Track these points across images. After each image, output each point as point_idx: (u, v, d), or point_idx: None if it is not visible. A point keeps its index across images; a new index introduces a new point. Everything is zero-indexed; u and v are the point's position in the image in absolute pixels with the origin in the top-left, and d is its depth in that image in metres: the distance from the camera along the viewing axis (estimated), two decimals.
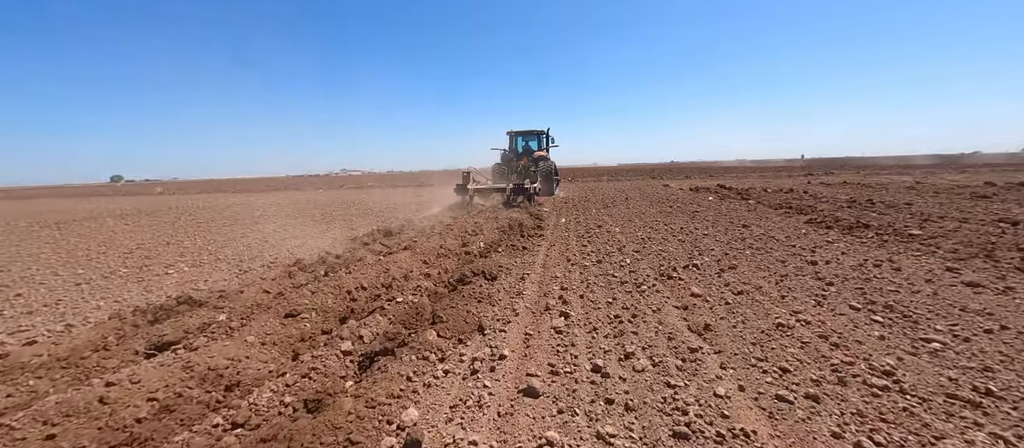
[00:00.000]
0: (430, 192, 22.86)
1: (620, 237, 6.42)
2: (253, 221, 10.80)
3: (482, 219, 8.62)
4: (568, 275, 4.36)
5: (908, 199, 9.88)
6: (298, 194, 25.18)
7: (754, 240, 5.79)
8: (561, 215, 9.42)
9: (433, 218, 9.07)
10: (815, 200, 10.21)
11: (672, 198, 12.62)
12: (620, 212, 9.63)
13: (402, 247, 5.63)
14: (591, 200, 13.08)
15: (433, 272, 4.56)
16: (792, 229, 6.51)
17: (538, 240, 6.39)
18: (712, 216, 8.34)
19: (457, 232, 6.97)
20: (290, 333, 2.90)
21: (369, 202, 16.28)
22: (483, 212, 9.64)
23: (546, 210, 10.46)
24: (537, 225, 7.64)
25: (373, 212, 12.24)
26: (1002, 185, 12.44)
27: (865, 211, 7.98)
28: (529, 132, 16.19)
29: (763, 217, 7.90)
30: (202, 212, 14.21)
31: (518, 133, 16.27)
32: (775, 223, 7.15)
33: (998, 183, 13.38)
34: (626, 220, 8.27)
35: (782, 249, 5.20)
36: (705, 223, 7.48)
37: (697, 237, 6.18)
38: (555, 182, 15.95)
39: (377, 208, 13.53)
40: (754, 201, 10.58)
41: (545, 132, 16.06)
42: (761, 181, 20.58)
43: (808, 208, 8.56)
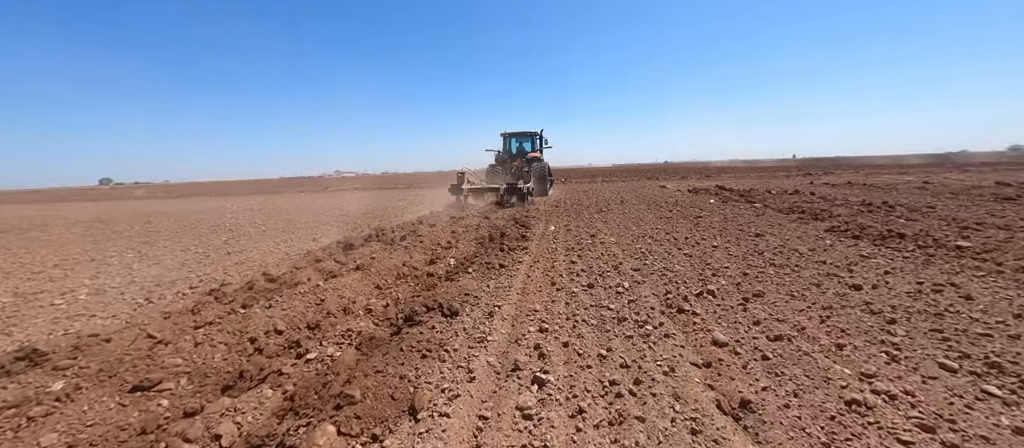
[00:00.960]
0: (419, 194, 21.87)
1: (616, 250, 5.50)
2: (210, 230, 9.75)
3: (461, 227, 7.68)
4: (550, 307, 3.42)
5: (927, 201, 9.09)
6: (278, 198, 24.06)
7: (773, 254, 4.89)
8: (550, 221, 8.49)
9: (407, 226, 8.10)
10: (826, 203, 9.38)
11: (671, 201, 11.76)
12: (615, 218, 8.73)
13: (354, 267, 4.66)
14: (585, 203, 12.18)
15: (380, 304, 3.61)
16: (814, 239, 5.63)
17: (520, 254, 5.46)
18: (718, 222, 7.46)
19: (428, 244, 6.02)
20: (125, 422, 1.93)
21: (349, 206, 15.25)
22: (464, 220, 8.69)
23: (535, 215, 9.53)
24: (522, 235, 6.70)
25: (348, 218, 11.23)
26: (1017, 185, 11.73)
27: (889, 216, 7.14)
28: (522, 133, 16.05)
29: (775, 224, 7.03)
30: (164, 219, 13.10)
31: (511, 135, 16.15)
32: (791, 231, 6.27)
33: (1011, 182, 12.68)
34: (622, 227, 7.36)
35: (811, 267, 4.31)
36: (711, 231, 6.59)
37: (705, 250, 5.28)
38: (549, 183, 15.80)
39: (355, 213, 12.52)
40: (760, 204, 9.73)
41: (538, 133, 15.97)
42: (760, 181, 19.85)
43: (822, 213, 7.71)
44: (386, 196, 21.68)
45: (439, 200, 16.96)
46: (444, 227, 7.70)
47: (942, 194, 10.46)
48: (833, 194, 11.42)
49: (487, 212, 10.11)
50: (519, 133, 16.15)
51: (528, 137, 16.12)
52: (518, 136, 16.15)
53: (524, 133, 16.13)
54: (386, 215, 11.68)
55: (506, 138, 16.28)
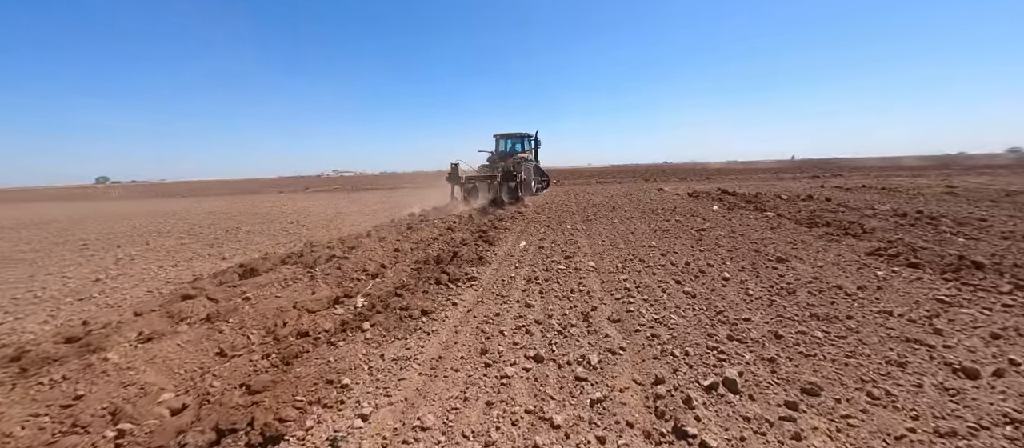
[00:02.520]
0: (405, 194, 20.42)
1: (594, 282, 4.08)
2: (128, 240, 8.30)
3: (411, 242, 6.26)
4: (455, 418, 2.01)
5: (971, 211, 7.70)
6: (249, 200, 22.58)
7: (810, 295, 3.49)
8: (524, 235, 7.07)
9: (348, 240, 6.68)
10: (851, 212, 7.98)
11: (668, 207, 10.35)
12: (603, 229, 7.31)
13: (205, 318, 3.24)
14: (571, 209, 10.76)
15: (175, 403, 2.18)
16: (857, 268, 4.23)
17: (464, 289, 4.03)
18: (725, 238, 6.05)
19: (351, 269, 4.61)
20: None
21: (315, 210, 13.81)
22: (421, 231, 7.27)
23: (509, 226, 8.12)
24: (479, 256, 5.27)
25: (299, 226, 9.79)
26: None
27: (938, 232, 5.74)
28: (515, 135, 16.19)
29: (797, 241, 5.63)
30: (94, 224, 11.61)
31: (504, 136, 16.33)
32: (822, 254, 4.87)
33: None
34: (608, 245, 5.94)
35: (872, 322, 2.91)
36: (718, 251, 5.18)
37: (713, 284, 3.87)
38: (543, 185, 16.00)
39: (314, 219, 11.07)
40: (772, 212, 8.33)
41: (531, 135, 16.25)
42: (765, 184, 18.47)
43: (853, 226, 6.30)
44: (368, 197, 20.24)
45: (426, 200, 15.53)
46: (390, 241, 6.28)
47: (980, 201, 9.08)
48: (853, 200, 10.02)
49: (458, 221, 8.70)
50: (512, 134, 16.17)
51: (520, 138, 16.16)
52: (510, 137, 16.18)
53: (517, 134, 16.18)
54: (346, 221, 10.25)
55: (498, 139, 16.34)
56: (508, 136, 16.34)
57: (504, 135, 16.36)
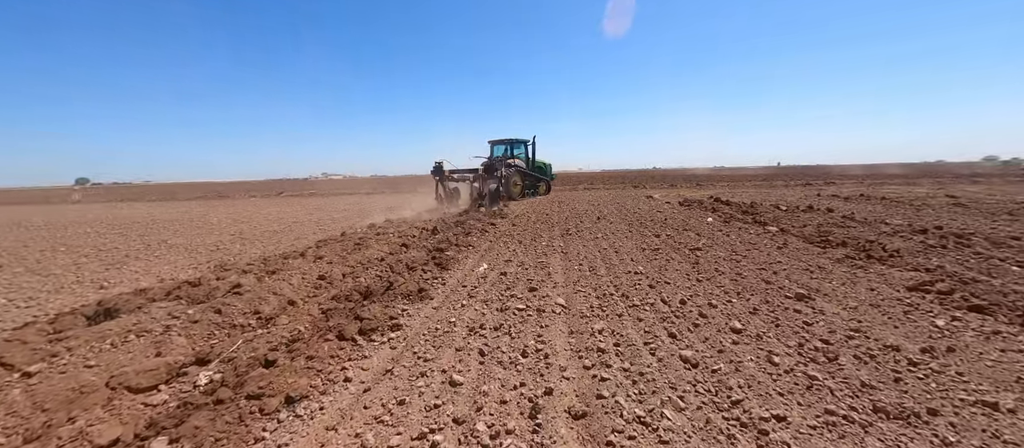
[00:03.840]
0: (382, 200, 19.15)
1: (558, 337, 2.99)
2: (18, 260, 6.95)
3: (349, 264, 5.11)
4: None
5: (992, 225, 6.85)
6: (215, 204, 21.07)
7: (859, 363, 2.44)
8: (488, 254, 5.97)
9: (280, 259, 5.50)
10: (863, 227, 7.05)
11: (658, 218, 9.35)
12: (582, 249, 6.24)
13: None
14: (552, 219, 9.69)
15: None
16: (904, 313, 3.21)
17: (374, 349, 2.89)
18: (726, 261, 5.03)
19: (242, 309, 3.44)
20: None
21: (270, 220, 12.50)
22: (367, 249, 6.12)
23: (474, 243, 7.01)
24: (420, 288, 4.14)
25: (241, 239, 8.52)
26: None
27: (978, 255, 4.79)
28: (511, 141, 16.66)
29: (814, 267, 4.63)
30: (10, 233, 10.14)
31: (499, 142, 16.76)
32: (850, 288, 3.86)
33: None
34: (586, 271, 4.86)
35: (972, 420, 1.87)
36: (721, 283, 4.14)
37: (721, 343, 2.80)
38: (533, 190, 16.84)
39: (261, 231, 9.80)
40: (774, 226, 7.37)
41: (527, 141, 16.70)
42: (757, 192, 17.71)
43: (873, 246, 5.34)
44: (339, 203, 18.93)
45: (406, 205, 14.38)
46: (323, 263, 5.13)
47: (995, 214, 8.27)
48: (857, 212, 9.15)
49: (419, 234, 7.57)
50: (507, 140, 16.53)
51: (516, 144, 16.53)
52: (506, 143, 16.51)
53: (513, 140, 16.56)
54: (294, 233, 9.00)
55: (494, 145, 16.64)
56: (503, 142, 16.64)
57: (499, 141, 16.65)
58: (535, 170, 18.06)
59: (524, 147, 17.18)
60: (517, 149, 16.97)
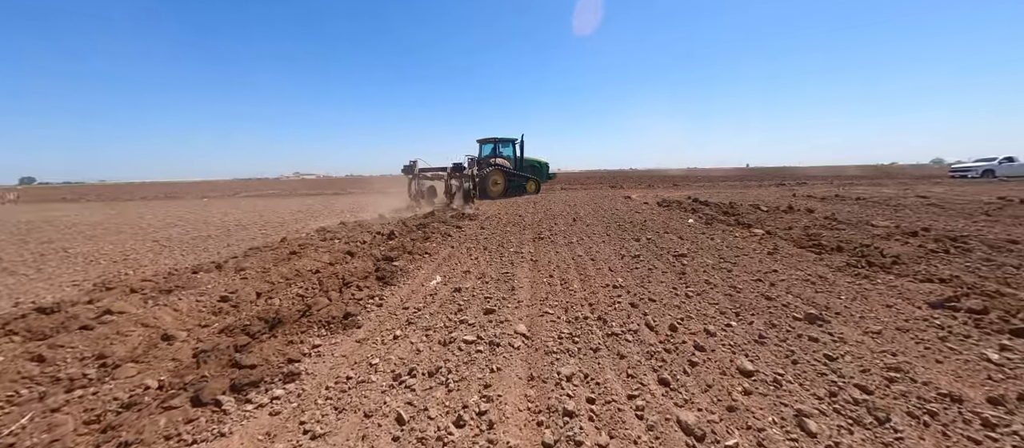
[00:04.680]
0: (349, 200, 17.87)
1: (511, 387, 2.19)
2: None
3: (264, 283, 4.16)
4: None
5: (978, 228, 6.57)
6: (156, 206, 19.23)
7: (916, 424, 1.79)
8: (446, 262, 5.14)
9: (186, 275, 4.47)
10: (851, 229, 6.64)
11: (637, 220, 8.76)
12: (554, 256, 5.50)
13: None
14: (524, 221, 8.93)
15: None
16: (940, 338, 2.62)
17: (244, 411, 2.02)
18: (716, 271, 4.40)
19: (79, 356, 2.45)
20: None
21: (208, 224, 11.17)
22: (307, 254, 5.18)
23: (437, 243, 6.16)
24: (346, 313, 3.26)
25: (162, 248, 7.33)
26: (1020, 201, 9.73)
27: (988, 263, 4.34)
28: (498, 139, 16.92)
29: (815, 277, 4.05)
30: None
31: (486, 141, 17.01)
32: (864, 304, 3.27)
33: (1013, 198, 10.75)
34: (557, 285, 4.11)
35: None
36: (715, 300, 3.47)
37: (729, 393, 2.09)
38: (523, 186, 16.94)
39: (191, 238, 8.57)
40: (759, 228, 6.87)
41: (515, 140, 16.86)
42: (733, 192, 17.57)
43: (870, 252, 4.85)
44: (297, 203, 17.52)
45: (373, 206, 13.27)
46: (246, 276, 4.16)
47: (973, 214, 8.10)
48: (838, 213, 8.84)
49: (369, 241, 6.65)
50: (495, 139, 16.70)
51: (504, 143, 16.70)
52: (493, 142, 16.70)
53: (500, 139, 16.69)
54: (228, 240, 7.85)
55: (482, 144, 16.77)
56: (491, 140, 16.76)
57: (487, 140, 16.74)
58: (525, 169, 17.81)
59: (512, 146, 17.23)
60: (505, 148, 17.13)
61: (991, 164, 23.73)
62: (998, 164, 23.58)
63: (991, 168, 23.58)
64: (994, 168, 23.54)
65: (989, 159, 24.14)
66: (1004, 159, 23.59)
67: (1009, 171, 23.38)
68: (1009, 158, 23.53)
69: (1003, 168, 23.42)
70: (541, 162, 18.82)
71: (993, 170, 23.51)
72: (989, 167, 23.65)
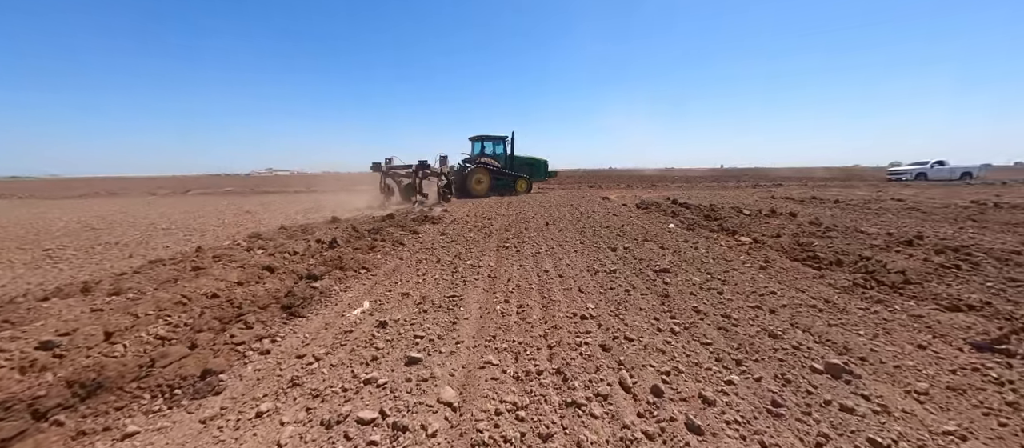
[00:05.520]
0: (313, 198, 16.51)
1: None
2: None
3: (110, 320, 3.14)
4: None
5: (972, 236, 6.17)
6: (83, 203, 17.33)
7: None
8: (381, 283, 4.23)
9: (24, 304, 3.39)
10: (842, 237, 6.11)
11: (615, 224, 8.05)
12: (516, 272, 4.68)
13: None
14: (490, 227, 8.08)
15: None
16: (1009, 404, 1.94)
17: None
18: (705, 293, 3.68)
19: None
20: None
21: (142, 223, 9.79)
22: (213, 269, 4.16)
23: (383, 254, 5.24)
24: (202, 372, 2.33)
25: (48, 257, 6.08)
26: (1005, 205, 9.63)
27: (1012, 282, 3.80)
28: (490, 137, 16.97)
29: (820, 301, 3.38)
30: None
31: (478, 138, 17.04)
32: (889, 344, 2.59)
33: (986, 202, 10.71)
34: (514, 312, 3.28)
35: None
36: (706, 337, 2.72)
37: None
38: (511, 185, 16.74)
39: (99, 241, 7.29)
40: (746, 236, 6.27)
41: (505, 138, 16.84)
42: (711, 193, 17.27)
43: (872, 266, 4.27)
44: (253, 201, 16.06)
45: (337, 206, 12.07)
46: (78, 316, 3.13)
47: (957, 219, 7.80)
48: (821, 217, 8.41)
49: (302, 252, 5.66)
50: (487, 137, 16.88)
51: (495, 140, 16.88)
52: (485, 139, 16.87)
53: (492, 137, 16.90)
54: (144, 244, 6.64)
55: (474, 142, 16.92)
56: (483, 138, 16.88)
57: (479, 137, 16.85)
58: (519, 167, 17.39)
59: (501, 144, 17.09)
60: (496, 146, 17.08)
61: (923, 168, 24.79)
62: (929, 168, 24.65)
63: (923, 172, 24.64)
64: (926, 171, 24.59)
65: (922, 163, 25.21)
66: (935, 163, 24.70)
67: (939, 174, 24.46)
68: (940, 162, 24.66)
69: (934, 171, 24.51)
70: (538, 160, 18.37)
71: (925, 173, 24.55)
72: (921, 171, 24.71)
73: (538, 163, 18.27)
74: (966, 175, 24.44)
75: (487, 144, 17.16)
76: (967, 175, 24.44)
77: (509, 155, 17.16)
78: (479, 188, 15.87)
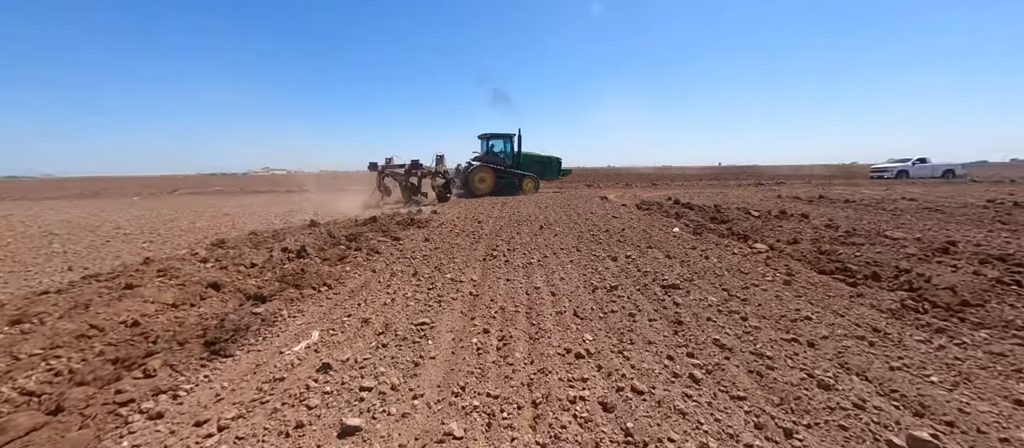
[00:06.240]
0: (299, 199, 15.83)
1: None
2: None
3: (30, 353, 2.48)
4: None
5: (1008, 241, 5.58)
6: (53, 206, 16.63)
7: None
8: (342, 305, 3.60)
9: None
10: (871, 245, 5.50)
11: (615, 228, 7.43)
12: (502, 288, 4.06)
13: None
14: (480, 231, 7.44)
15: None
16: None
17: None
18: (723, 315, 3.07)
19: None
20: None
21: (106, 228, 9.12)
22: (146, 287, 3.50)
23: (353, 266, 4.62)
24: None
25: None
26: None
27: None
28: (500, 135, 16.65)
29: (871, 333, 2.77)
30: None
31: (488, 136, 16.76)
32: (993, 406, 1.98)
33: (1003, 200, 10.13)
34: (493, 347, 2.65)
35: None
36: (738, 386, 2.11)
37: None
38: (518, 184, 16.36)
39: (46, 252, 6.63)
40: (761, 244, 5.66)
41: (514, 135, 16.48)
42: (714, 192, 16.67)
43: (918, 283, 3.66)
44: (234, 202, 15.38)
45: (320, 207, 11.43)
46: None
47: (982, 221, 7.21)
48: (836, 219, 7.81)
49: (272, 257, 5.01)
50: (497, 134, 16.60)
51: (504, 138, 16.60)
52: (495, 137, 16.64)
53: (501, 135, 16.60)
54: (94, 253, 5.99)
55: (483, 140, 16.76)
56: (493, 136, 16.59)
57: (488, 135, 16.61)
58: (529, 166, 16.85)
59: (508, 142, 16.66)
60: (506, 144, 16.71)
61: (905, 165, 24.37)
62: (912, 165, 24.23)
63: (905, 169, 24.22)
64: (908, 169, 24.17)
65: (903, 160, 24.78)
66: (917, 160, 24.30)
67: (921, 172, 24.03)
68: (921, 159, 24.26)
69: (916, 169, 24.10)
70: (551, 158, 17.78)
71: (907, 171, 24.13)
72: (903, 168, 24.31)
73: (551, 161, 17.62)
74: (948, 172, 24.08)
75: (496, 142, 16.72)
76: (949, 172, 24.08)
77: (516, 153, 16.58)
78: (482, 187, 15.56)
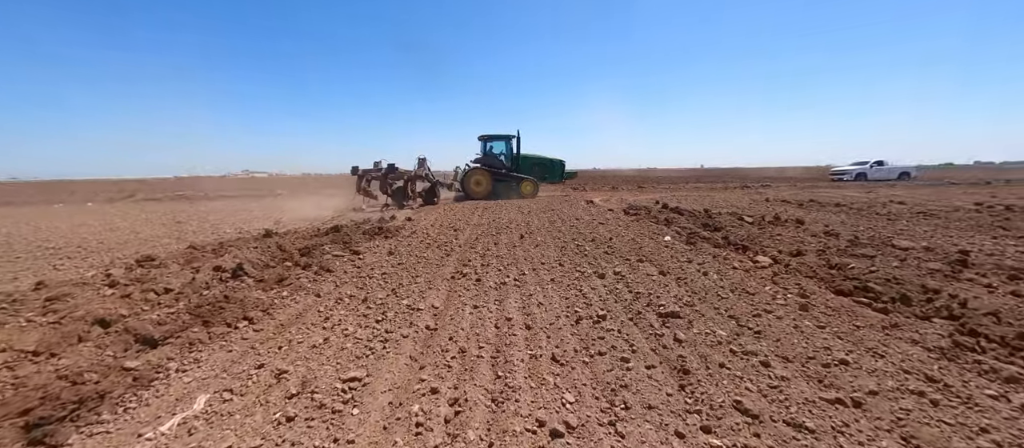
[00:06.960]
0: (265, 204, 14.74)
1: None
2: None
3: None
4: None
5: (1016, 247, 5.17)
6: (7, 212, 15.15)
7: None
8: (259, 348, 2.84)
9: None
10: (885, 258, 5.01)
11: (602, 236, 6.81)
12: (469, 317, 3.35)
13: None
14: (454, 242, 6.70)
15: None
16: None
17: None
18: (737, 357, 2.44)
19: None
20: None
21: (29, 244, 8.04)
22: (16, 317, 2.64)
23: (293, 290, 3.84)
24: None
25: None
26: None
27: None
28: (498, 136, 16.39)
29: (930, 387, 2.18)
30: None
31: (487, 137, 16.47)
32: None
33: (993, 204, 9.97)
34: (440, 425, 1.96)
35: None
36: None
37: None
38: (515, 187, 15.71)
39: None
40: (763, 256, 5.10)
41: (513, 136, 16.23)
42: (701, 196, 16.32)
43: (958, 310, 3.13)
44: (197, 208, 14.20)
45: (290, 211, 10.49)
46: None
47: (984, 228, 6.87)
48: (834, 225, 7.38)
49: (197, 279, 4.18)
50: (495, 136, 16.33)
51: (503, 139, 16.34)
52: (494, 138, 16.38)
53: (500, 136, 16.33)
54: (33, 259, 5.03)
55: (482, 141, 16.46)
56: (491, 137, 16.31)
57: (486, 137, 16.30)
58: (530, 168, 16.20)
59: (506, 143, 16.23)
60: (504, 145, 16.30)
61: (863, 168, 24.88)
62: (869, 168, 24.75)
63: (863, 172, 24.72)
64: (866, 172, 24.67)
65: (862, 163, 25.33)
66: (875, 163, 24.87)
67: (878, 174, 24.57)
68: (879, 162, 24.84)
69: (874, 171, 24.63)
70: (553, 160, 17.08)
71: (865, 173, 24.64)
72: (861, 171, 24.82)
73: (553, 163, 16.98)
74: (904, 175, 24.70)
75: (495, 143, 16.30)
76: (905, 175, 24.71)
77: (515, 155, 16.09)
78: (479, 190, 15.14)
